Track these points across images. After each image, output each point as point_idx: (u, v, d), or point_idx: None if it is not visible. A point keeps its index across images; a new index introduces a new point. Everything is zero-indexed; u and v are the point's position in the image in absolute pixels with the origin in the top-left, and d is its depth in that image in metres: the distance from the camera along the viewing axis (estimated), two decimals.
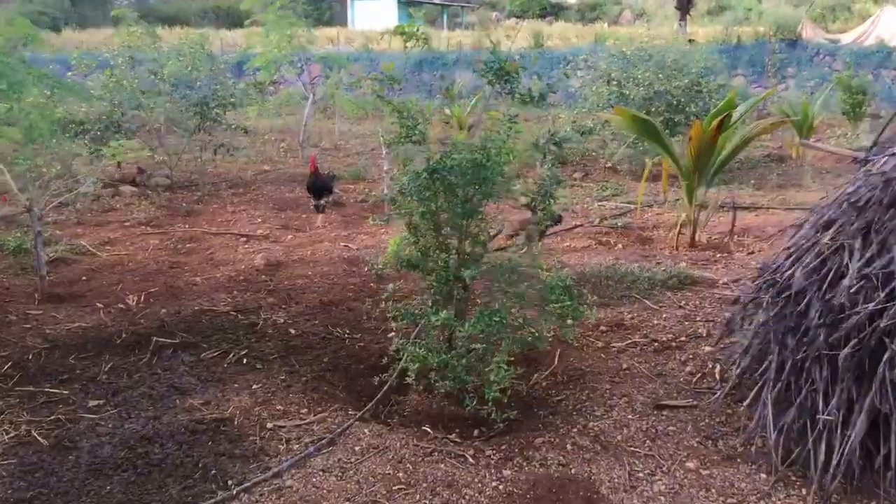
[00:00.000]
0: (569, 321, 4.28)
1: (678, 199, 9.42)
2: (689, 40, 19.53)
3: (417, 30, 4.44)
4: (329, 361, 4.80)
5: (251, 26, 18.18)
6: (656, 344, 5.07)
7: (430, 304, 4.33)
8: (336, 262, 7.14)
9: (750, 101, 8.11)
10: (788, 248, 4.19)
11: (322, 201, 8.82)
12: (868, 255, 3.60)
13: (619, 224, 8.61)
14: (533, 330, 4.27)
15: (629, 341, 5.14)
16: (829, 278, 3.69)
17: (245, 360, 4.79)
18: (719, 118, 7.28)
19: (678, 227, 7.87)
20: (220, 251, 7.64)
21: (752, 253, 7.55)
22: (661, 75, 11.43)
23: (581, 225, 8.70)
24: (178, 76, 10.99)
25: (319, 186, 8.79)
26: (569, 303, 4.22)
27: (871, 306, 3.38)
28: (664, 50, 12.16)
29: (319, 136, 16.14)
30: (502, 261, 4.43)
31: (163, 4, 51.16)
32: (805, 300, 3.73)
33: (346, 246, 7.93)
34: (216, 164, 12.67)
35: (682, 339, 5.16)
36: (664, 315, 5.64)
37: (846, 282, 3.54)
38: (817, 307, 3.64)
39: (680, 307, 5.88)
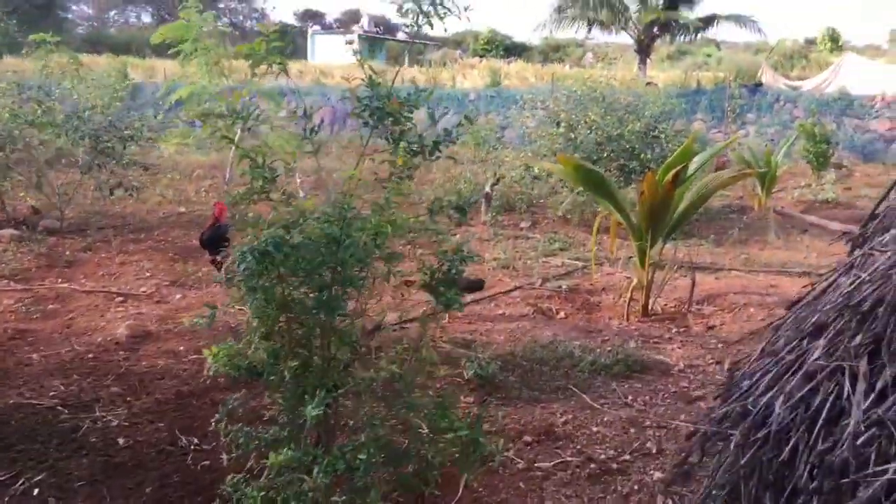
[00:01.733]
0: (470, 458, 3.13)
1: (631, 257, 8.40)
2: (647, 83, 18.82)
3: (267, 50, 3.30)
4: (152, 494, 3.57)
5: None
6: (592, 465, 3.93)
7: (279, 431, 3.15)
8: (220, 332, 5.90)
9: (709, 151, 7.14)
10: (765, 359, 3.09)
11: (220, 255, 7.61)
12: (879, 385, 2.52)
13: (564, 287, 7.52)
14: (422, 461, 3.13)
15: (559, 460, 4.00)
16: (823, 415, 2.60)
17: (37, 491, 3.54)
18: (675, 170, 6.28)
19: (629, 293, 6.81)
20: (84, 316, 6.37)
21: (713, 327, 6.50)
22: (614, 118, 10.49)
23: (520, 287, 7.60)
24: (78, 106, 9.77)
25: (215, 238, 7.58)
26: (465, 433, 3.07)
27: (891, 470, 2.28)
28: (618, 91, 11.25)
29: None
30: (385, 368, 3.28)
31: (117, 34, 49.86)
32: (789, 445, 2.63)
33: (241, 310, 6.70)
34: (124, 205, 11.39)
35: (626, 457, 4.03)
36: (606, 418, 4.53)
37: (850, 426, 2.45)
38: (807, 460, 2.53)
39: (626, 404, 4.78)
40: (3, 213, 9.91)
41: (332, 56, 40.10)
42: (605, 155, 10.46)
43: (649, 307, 6.88)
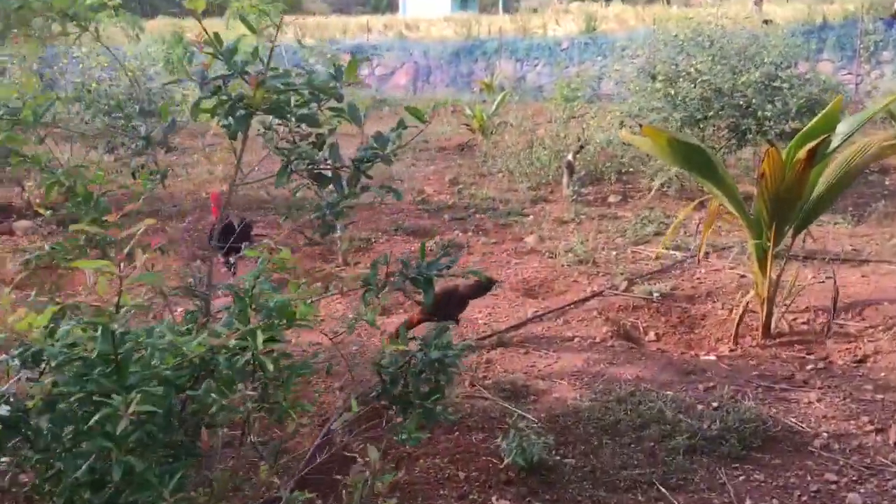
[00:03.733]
0: None
1: (744, 244, 6.60)
2: (765, 21, 16.32)
3: None
4: None
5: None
6: None
7: None
8: None
9: (861, 116, 5.20)
10: None
11: (233, 258, 6.29)
12: None
13: (656, 294, 5.82)
14: None
15: None
16: None
17: None
18: (813, 144, 4.45)
19: (742, 306, 5.07)
20: None
21: (864, 360, 4.70)
22: (724, 67, 8.50)
23: (600, 294, 5.94)
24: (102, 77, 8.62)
25: (225, 234, 6.24)
26: None
27: None
28: (730, 34, 9.20)
29: None
30: None
31: None
32: None
33: None
34: (167, 187, 10.28)
35: None
36: None
37: None
38: None
39: None
40: (22, 201, 8.94)
41: (425, 9, 38.42)
42: (713, 113, 8.53)
43: (772, 325, 5.13)
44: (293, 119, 2.38)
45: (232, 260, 6.25)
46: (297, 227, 7.51)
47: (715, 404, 4.01)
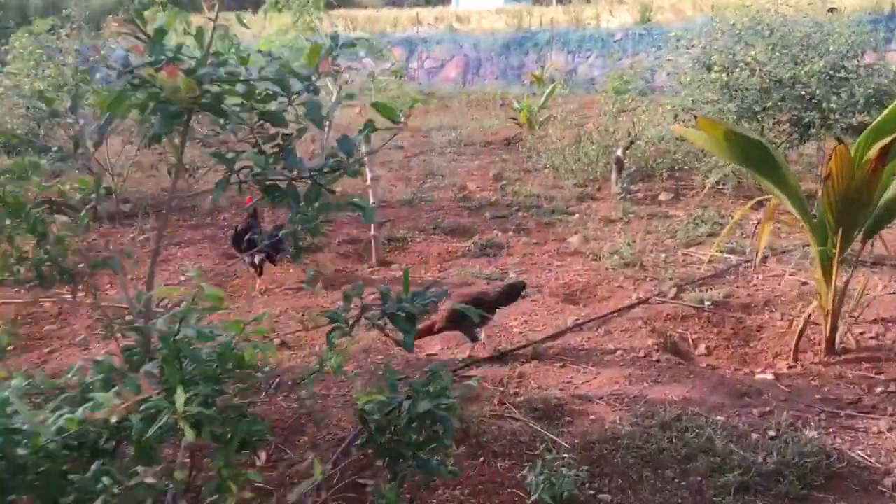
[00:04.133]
0: None
1: (806, 247, 6.11)
2: (830, 9, 15.51)
3: None
4: None
5: None
6: None
7: None
8: None
9: None
10: None
11: (258, 258, 6.01)
12: None
13: (709, 301, 5.37)
14: None
15: None
16: None
17: None
18: (884, 143, 3.98)
19: (804, 319, 4.60)
20: (67, 350, 4.99)
21: None
22: (785, 56, 7.94)
23: (646, 301, 5.52)
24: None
25: (242, 235, 5.98)
26: None
27: None
28: (791, 22, 8.60)
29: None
30: None
31: None
32: None
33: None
34: (205, 181, 10.11)
35: None
36: None
37: None
38: None
39: None
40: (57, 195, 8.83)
41: (478, 0, 37.90)
42: (772, 104, 7.97)
43: (837, 340, 4.65)
44: (251, 117, 2.03)
45: (257, 260, 5.98)
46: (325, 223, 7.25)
47: (772, 433, 3.58)
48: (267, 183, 2.14)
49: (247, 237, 5.96)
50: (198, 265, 6.66)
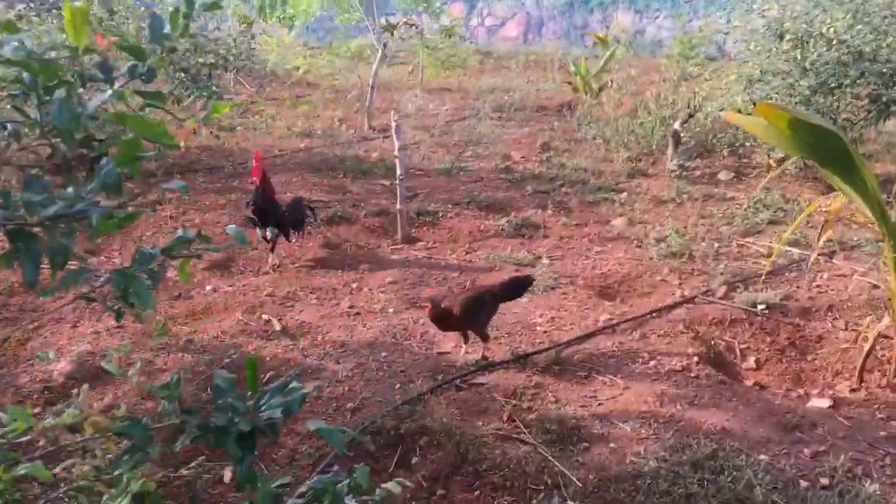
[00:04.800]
0: None
1: (880, 243, 5.40)
2: None
3: None
4: None
5: None
6: None
7: None
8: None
9: None
10: None
11: (269, 233, 5.56)
12: None
13: (762, 305, 4.75)
14: None
15: None
16: None
17: None
18: None
19: (872, 335, 3.98)
20: (53, 326, 4.65)
21: None
22: (866, 28, 7.08)
23: (691, 300, 4.92)
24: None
25: (263, 210, 5.52)
26: None
27: None
28: None
29: (393, 100, 12.72)
30: None
31: None
32: None
33: (267, 321, 4.71)
34: (239, 141, 9.73)
35: None
36: None
37: None
38: None
39: None
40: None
41: None
42: (849, 81, 7.14)
43: None
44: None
45: (269, 235, 5.56)
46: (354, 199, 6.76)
47: (825, 481, 3.02)
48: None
49: (252, 208, 5.54)
50: (213, 233, 6.26)
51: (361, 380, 3.95)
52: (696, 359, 4.11)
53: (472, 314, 4.03)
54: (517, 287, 4.29)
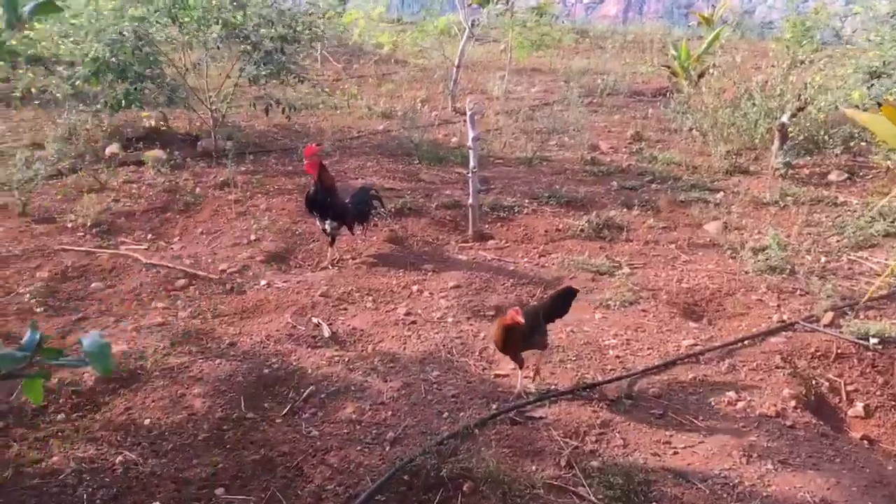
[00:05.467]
0: None
1: None
2: None
3: None
4: None
5: None
6: None
7: None
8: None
9: None
10: None
11: (328, 226, 5.21)
12: None
13: (876, 336, 4.11)
14: None
15: None
16: None
17: None
18: None
19: None
20: (102, 318, 4.43)
21: None
22: None
23: (788, 325, 4.32)
24: None
25: (321, 204, 5.15)
26: None
27: None
28: None
29: (479, 81, 12.15)
30: None
31: None
32: None
33: (316, 325, 4.38)
34: (317, 120, 9.46)
35: None
36: None
37: None
38: None
39: None
40: (166, 127, 8.39)
41: None
42: None
43: None
44: None
45: (328, 228, 5.22)
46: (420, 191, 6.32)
47: None
48: None
49: (311, 200, 5.20)
50: (276, 221, 5.99)
51: (407, 403, 3.56)
52: (793, 402, 3.54)
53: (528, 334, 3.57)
54: (561, 303, 3.79)
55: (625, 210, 6.37)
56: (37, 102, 8.13)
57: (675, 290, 4.82)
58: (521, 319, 3.31)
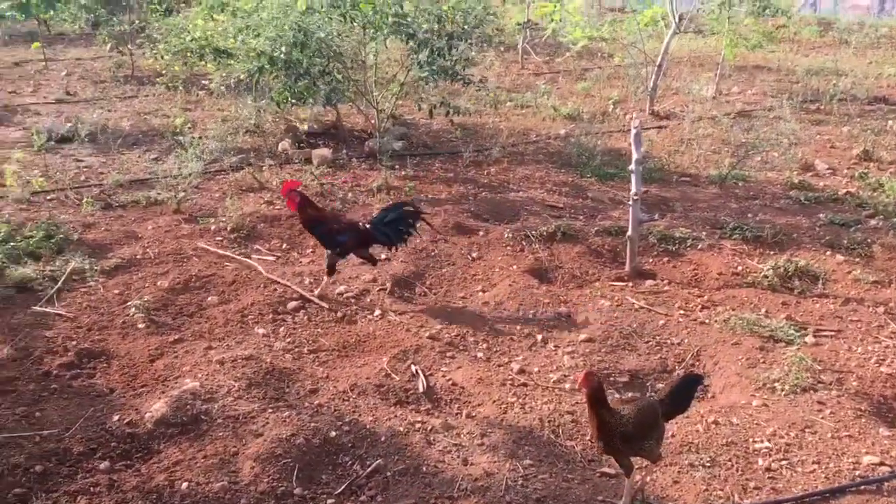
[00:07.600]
0: None
1: None
2: None
3: None
4: None
5: None
6: None
7: None
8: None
9: None
10: None
11: (329, 256, 4.62)
12: None
13: None
14: None
15: None
16: None
17: None
18: None
19: None
20: (194, 344, 4.17)
21: None
22: None
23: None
24: None
25: (324, 235, 4.60)
26: None
27: None
28: None
29: (686, 80, 10.91)
30: None
31: None
32: None
33: (413, 375, 3.83)
34: (500, 120, 8.88)
35: None
36: None
37: None
38: None
39: None
40: (339, 125, 8.17)
41: None
42: None
43: None
44: None
45: (332, 259, 4.70)
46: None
47: None
48: None
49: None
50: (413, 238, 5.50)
51: (481, 501, 2.92)
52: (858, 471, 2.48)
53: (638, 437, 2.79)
54: (681, 395, 2.94)
55: (827, 253, 5.23)
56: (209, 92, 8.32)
57: (871, 376, 3.74)
58: (587, 384, 2.60)
